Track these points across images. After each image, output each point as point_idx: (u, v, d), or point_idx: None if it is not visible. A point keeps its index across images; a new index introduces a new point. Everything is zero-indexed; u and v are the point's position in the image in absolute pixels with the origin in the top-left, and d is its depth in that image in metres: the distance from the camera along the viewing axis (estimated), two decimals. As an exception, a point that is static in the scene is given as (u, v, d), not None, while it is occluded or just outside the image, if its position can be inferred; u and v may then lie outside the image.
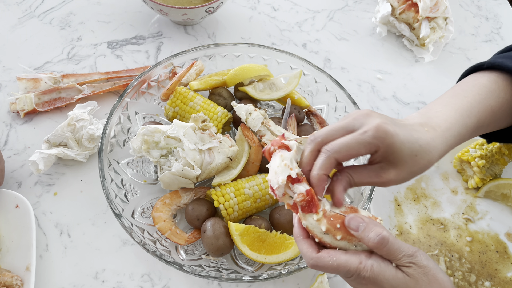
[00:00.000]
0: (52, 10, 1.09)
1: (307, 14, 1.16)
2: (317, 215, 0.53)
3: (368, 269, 0.53)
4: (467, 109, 0.64)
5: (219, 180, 0.77)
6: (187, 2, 1.04)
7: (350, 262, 0.53)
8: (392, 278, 0.53)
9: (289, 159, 0.55)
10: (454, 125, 0.61)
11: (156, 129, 0.75)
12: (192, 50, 0.89)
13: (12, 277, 0.70)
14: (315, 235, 0.54)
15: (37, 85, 0.93)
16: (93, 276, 0.76)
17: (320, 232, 0.54)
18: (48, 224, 0.80)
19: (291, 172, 0.54)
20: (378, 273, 0.53)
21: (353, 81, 1.05)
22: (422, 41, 1.09)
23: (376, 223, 0.54)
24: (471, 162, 0.86)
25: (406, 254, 0.54)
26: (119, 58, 1.02)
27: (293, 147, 0.57)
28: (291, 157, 0.56)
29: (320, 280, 0.75)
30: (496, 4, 1.24)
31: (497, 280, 0.80)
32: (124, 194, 0.77)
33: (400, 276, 0.53)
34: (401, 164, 0.56)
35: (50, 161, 0.82)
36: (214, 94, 0.88)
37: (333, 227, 0.53)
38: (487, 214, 0.87)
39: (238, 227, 0.71)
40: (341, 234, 0.54)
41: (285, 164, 0.55)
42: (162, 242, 0.74)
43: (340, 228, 0.54)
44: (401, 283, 0.53)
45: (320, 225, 0.53)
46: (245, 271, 0.73)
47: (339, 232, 0.54)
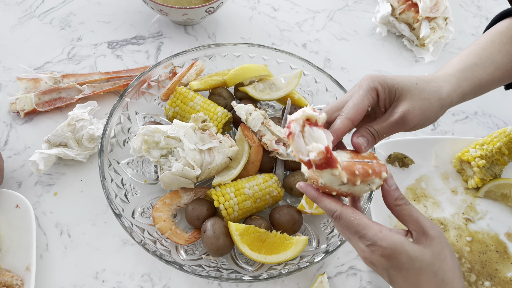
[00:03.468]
0: (52, 10, 1.09)
1: (307, 14, 1.16)
2: (337, 170, 0.52)
3: (387, 239, 0.53)
4: (487, 57, 0.67)
5: (219, 180, 0.77)
6: (187, 2, 1.04)
7: (371, 227, 0.54)
8: (411, 249, 0.53)
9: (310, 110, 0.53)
10: (466, 68, 0.66)
11: (156, 129, 0.75)
12: (192, 50, 0.89)
13: (12, 277, 0.70)
14: (332, 189, 0.54)
15: (37, 85, 0.93)
16: (93, 276, 0.76)
17: (339, 184, 0.53)
18: (48, 224, 0.80)
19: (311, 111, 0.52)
20: (397, 243, 0.53)
21: (353, 81, 1.05)
22: (422, 41, 1.09)
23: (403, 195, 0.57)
24: (471, 162, 0.86)
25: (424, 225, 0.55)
26: (119, 58, 1.02)
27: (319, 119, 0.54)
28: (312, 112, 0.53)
29: (320, 280, 0.75)
30: (496, 4, 1.24)
31: (497, 280, 0.80)
32: (124, 194, 0.77)
33: (417, 248, 0.54)
34: (406, 94, 0.60)
35: (50, 161, 0.82)
36: (214, 94, 0.88)
37: (353, 175, 0.53)
38: (487, 214, 0.87)
39: (238, 227, 0.71)
40: (360, 178, 0.54)
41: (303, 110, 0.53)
42: (162, 242, 0.74)
43: (359, 173, 0.54)
44: (419, 255, 0.53)
45: (341, 178, 0.52)
46: (245, 271, 0.73)
47: (358, 178, 0.53)
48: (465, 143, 0.91)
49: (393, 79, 0.60)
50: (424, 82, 0.62)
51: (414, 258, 0.53)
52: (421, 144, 0.91)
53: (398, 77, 0.61)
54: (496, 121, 1.02)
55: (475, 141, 0.90)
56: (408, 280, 0.54)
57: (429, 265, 0.54)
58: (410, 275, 0.54)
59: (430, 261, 0.54)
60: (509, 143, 0.89)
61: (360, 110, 0.58)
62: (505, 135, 0.90)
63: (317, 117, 0.53)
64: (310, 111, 0.53)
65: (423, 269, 0.53)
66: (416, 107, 0.60)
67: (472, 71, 0.67)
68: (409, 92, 0.60)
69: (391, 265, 0.54)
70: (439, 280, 0.54)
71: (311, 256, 0.72)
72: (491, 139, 0.89)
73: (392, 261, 0.54)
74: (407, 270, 0.54)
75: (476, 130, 1.00)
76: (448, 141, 0.92)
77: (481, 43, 0.71)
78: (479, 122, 1.01)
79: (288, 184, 0.80)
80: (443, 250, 0.55)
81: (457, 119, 1.01)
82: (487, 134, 0.94)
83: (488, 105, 1.03)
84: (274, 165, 0.84)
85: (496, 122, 1.02)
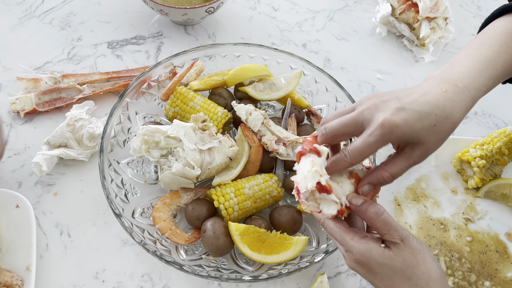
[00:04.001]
0: (52, 10, 1.09)
1: (307, 14, 1.16)
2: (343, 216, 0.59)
3: (357, 246, 0.57)
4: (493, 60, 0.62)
5: (219, 180, 0.77)
6: (187, 2, 1.04)
7: (346, 234, 0.58)
8: (379, 256, 0.56)
9: (320, 165, 0.56)
10: (478, 78, 0.60)
11: (156, 129, 0.75)
12: (192, 50, 0.89)
13: (12, 277, 0.70)
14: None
15: (37, 85, 0.93)
16: (93, 276, 0.76)
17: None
18: (48, 224, 0.80)
19: (321, 179, 0.55)
20: (365, 250, 0.56)
21: (353, 81, 1.05)
22: (422, 41, 1.09)
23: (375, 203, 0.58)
24: (471, 162, 0.86)
25: (398, 233, 0.57)
26: (119, 58, 1.02)
27: (324, 153, 0.57)
28: (321, 164, 0.57)
29: (320, 280, 0.75)
30: (496, 4, 1.24)
31: (497, 280, 0.80)
32: (124, 194, 0.77)
33: (386, 254, 0.56)
34: (423, 141, 0.57)
35: (52, 162, 0.83)
36: (214, 94, 0.88)
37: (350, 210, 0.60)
38: (487, 214, 0.87)
39: (238, 227, 0.71)
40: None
41: (315, 170, 0.56)
42: (162, 242, 0.74)
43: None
44: (388, 262, 0.56)
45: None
46: (245, 271, 0.73)
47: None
48: (465, 143, 0.91)
49: (413, 128, 0.55)
50: (442, 119, 0.56)
51: (383, 265, 0.56)
52: (421, 144, 0.91)
53: (418, 120, 0.55)
54: (496, 121, 1.02)
55: (475, 141, 0.90)
56: (384, 283, 0.57)
57: (400, 271, 0.56)
58: (384, 278, 0.57)
59: (401, 267, 0.56)
60: (509, 143, 0.89)
61: (365, 157, 0.57)
62: (505, 135, 0.90)
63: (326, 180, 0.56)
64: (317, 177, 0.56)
65: (394, 275, 0.56)
66: (431, 148, 0.58)
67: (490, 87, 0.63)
68: (426, 138, 0.56)
69: (365, 270, 0.58)
70: (413, 284, 0.56)
71: (311, 256, 0.72)
72: (491, 139, 0.89)
73: (365, 267, 0.57)
74: (380, 275, 0.57)
75: (476, 130, 1.00)
76: (448, 141, 0.91)
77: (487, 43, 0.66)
78: (479, 122, 1.01)
79: (288, 184, 0.80)
80: (414, 257, 0.56)
81: (457, 119, 1.01)
82: (487, 134, 0.94)
83: (488, 105, 1.03)
84: (274, 165, 0.84)
85: (496, 122, 1.02)
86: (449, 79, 0.59)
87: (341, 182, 0.59)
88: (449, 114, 0.56)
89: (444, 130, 0.57)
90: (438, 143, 0.58)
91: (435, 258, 0.59)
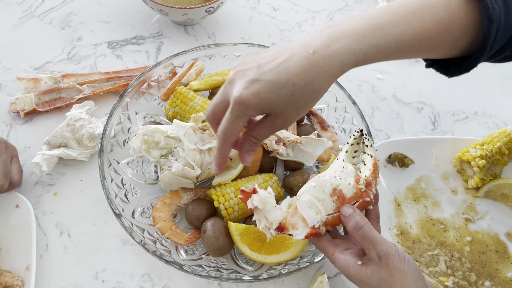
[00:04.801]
0: (52, 10, 1.09)
1: (307, 14, 1.16)
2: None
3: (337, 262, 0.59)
4: (386, 27, 0.53)
5: (219, 180, 0.77)
6: (187, 2, 1.04)
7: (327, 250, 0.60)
8: (356, 273, 0.57)
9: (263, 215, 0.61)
10: (357, 42, 0.52)
11: (156, 129, 0.75)
12: (192, 50, 0.89)
13: (13, 277, 0.70)
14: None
15: (37, 85, 0.93)
16: (93, 276, 0.76)
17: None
18: (48, 224, 0.80)
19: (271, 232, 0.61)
20: (343, 266, 0.58)
21: (353, 81, 1.05)
22: (422, 41, 1.09)
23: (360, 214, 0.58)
24: (471, 162, 0.86)
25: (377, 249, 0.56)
26: (119, 58, 1.02)
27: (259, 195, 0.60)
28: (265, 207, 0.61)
29: (320, 280, 0.75)
30: (496, 4, 1.24)
31: (497, 280, 0.80)
32: (124, 194, 0.77)
33: (363, 272, 0.56)
34: (281, 111, 0.54)
35: (52, 162, 0.83)
36: (214, 94, 0.88)
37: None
38: (487, 214, 0.87)
39: (238, 227, 0.71)
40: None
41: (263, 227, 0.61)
42: (162, 242, 0.74)
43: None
44: (364, 279, 0.56)
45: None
46: (245, 271, 0.73)
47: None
48: (465, 143, 0.91)
49: (266, 101, 0.52)
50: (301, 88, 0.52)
51: (360, 281, 0.57)
52: (421, 144, 0.91)
53: (272, 94, 0.52)
54: (496, 121, 1.02)
55: (475, 141, 0.90)
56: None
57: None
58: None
59: (377, 286, 0.56)
60: (509, 143, 0.89)
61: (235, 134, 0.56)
62: (505, 135, 0.90)
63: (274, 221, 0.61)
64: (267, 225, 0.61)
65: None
66: (291, 116, 0.55)
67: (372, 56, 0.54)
68: (285, 108, 0.53)
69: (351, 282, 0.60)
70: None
71: (311, 256, 0.72)
72: (491, 139, 0.89)
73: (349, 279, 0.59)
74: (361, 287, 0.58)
75: (476, 130, 1.00)
76: (448, 141, 0.92)
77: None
78: (479, 122, 1.01)
79: (288, 184, 0.80)
80: (391, 276, 0.55)
81: (457, 119, 1.01)
82: (487, 134, 0.94)
83: (488, 105, 1.03)
84: (274, 165, 0.84)
85: (496, 122, 1.02)
86: (328, 36, 0.52)
87: (322, 200, 0.60)
88: (309, 82, 0.52)
89: (303, 99, 0.53)
90: (298, 112, 0.55)
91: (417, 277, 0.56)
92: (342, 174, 0.62)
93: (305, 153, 0.80)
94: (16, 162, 0.79)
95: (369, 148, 0.64)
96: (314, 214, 0.59)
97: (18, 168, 0.79)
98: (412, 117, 1.01)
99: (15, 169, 0.78)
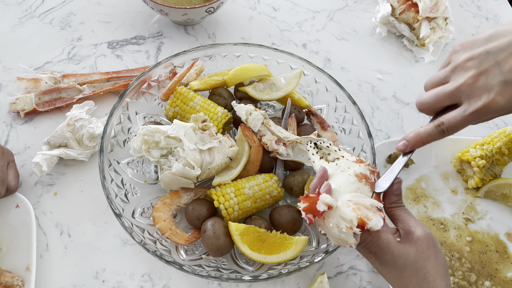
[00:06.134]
0: (52, 10, 1.09)
1: (307, 14, 1.16)
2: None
3: (380, 240, 0.58)
4: None
5: (219, 180, 0.77)
6: (187, 2, 1.04)
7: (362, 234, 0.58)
8: (396, 249, 0.57)
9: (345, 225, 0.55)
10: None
11: (156, 129, 0.75)
12: (192, 50, 0.89)
13: (13, 277, 0.70)
14: None
15: (38, 85, 0.93)
16: (93, 276, 0.76)
17: None
18: (49, 224, 0.80)
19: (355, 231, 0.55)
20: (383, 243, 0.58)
21: (353, 81, 1.05)
22: (422, 41, 1.09)
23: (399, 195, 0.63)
24: (471, 162, 0.86)
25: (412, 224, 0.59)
26: (119, 58, 1.02)
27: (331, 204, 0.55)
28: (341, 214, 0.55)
29: (320, 280, 0.75)
30: (496, 4, 1.24)
31: (497, 280, 0.80)
32: (124, 194, 0.77)
33: (402, 247, 0.57)
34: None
35: (52, 162, 0.82)
36: (214, 94, 0.88)
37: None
38: (487, 214, 0.87)
39: (238, 227, 0.71)
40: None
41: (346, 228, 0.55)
42: (162, 242, 0.74)
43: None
44: (403, 254, 0.57)
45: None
46: (245, 271, 0.73)
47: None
48: (465, 143, 0.91)
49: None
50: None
51: (398, 257, 0.57)
52: (421, 144, 0.91)
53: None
54: (496, 121, 1.02)
55: (475, 141, 0.90)
56: (392, 273, 0.59)
57: (412, 262, 0.57)
58: (394, 268, 0.58)
59: (414, 259, 0.57)
60: (509, 143, 0.89)
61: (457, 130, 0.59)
62: (505, 135, 0.90)
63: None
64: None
65: (406, 266, 0.57)
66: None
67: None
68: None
69: (376, 259, 0.59)
70: (421, 277, 0.57)
71: (311, 256, 0.72)
72: (491, 139, 0.89)
73: (378, 256, 0.59)
74: (391, 266, 0.58)
75: (476, 130, 1.00)
76: (448, 141, 0.92)
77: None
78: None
79: (288, 184, 0.80)
80: (428, 249, 0.58)
81: (457, 119, 1.01)
82: (487, 134, 0.94)
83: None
84: (274, 165, 0.84)
85: (496, 122, 1.02)
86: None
87: (357, 189, 0.60)
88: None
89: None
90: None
91: (444, 255, 0.60)
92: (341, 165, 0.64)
93: (305, 153, 0.80)
94: (12, 168, 0.79)
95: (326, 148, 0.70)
96: (369, 200, 0.58)
97: (14, 173, 0.78)
98: (412, 117, 1.01)
99: (12, 175, 0.78)
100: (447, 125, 0.57)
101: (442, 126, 0.58)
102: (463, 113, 0.56)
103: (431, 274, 0.57)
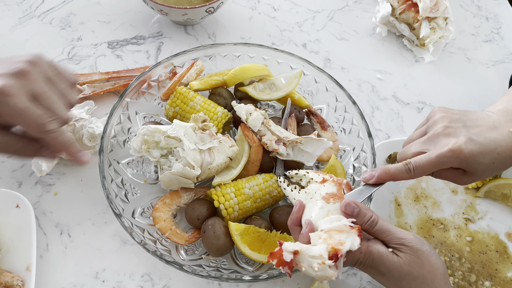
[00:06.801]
0: (52, 10, 1.09)
1: (307, 14, 1.16)
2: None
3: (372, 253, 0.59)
4: None
5: (219, 180, 0.77)
6: (187, 2, 1.04)
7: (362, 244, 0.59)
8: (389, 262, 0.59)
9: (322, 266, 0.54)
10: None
11: (156, 129, 0.75)
12: (192, 50, 0.89)
13: (13, 277, 0.70)
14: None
15: (37, 85, 0.93)
16: (93, 276, 0.76)
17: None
18: (49, 224, 0.80)
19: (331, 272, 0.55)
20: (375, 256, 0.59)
21: (353, 81, 1.05)
22: (422, 41, 1.09)
23: (367, 208, 0.61)
24: (471, 162, 0.86)
25: (396, 237, 0.60)
26: (119, 58, 1.02)
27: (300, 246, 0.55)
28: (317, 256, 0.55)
29: (320, 280, 0.75)
30: (496, 4, 1.24)
31: (497, 280, 0.80)
32: (124, 194, 0.77)
33: (395, 259, 0.59)
34: (477, 173, 0.64)
35: (52, 162, 0.82)
36: (214, 94, 0.88)
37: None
38: (487, 214, 0.87)
39: (238, 227, 0.71)
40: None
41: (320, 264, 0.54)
42: (162, 242, 0.74)
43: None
44: (397, 266, 0.58)
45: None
46: (245, 271, 0.73)
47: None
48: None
49: (475, 160, 0.63)
50: (502, 159, 0.63)
51: (393, 269, 0.58)
52: (421, 144, 0.91)
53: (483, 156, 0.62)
54: (496, 121, 1.02)
55: (475, 141, 0.90)
56: (390, 283, 0.60)
57: (407, 274, 0.58)
58: (391, 279, 0.60)
59: (408, 270, 0.58)
60: (509, 143, 0.89)
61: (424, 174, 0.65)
62: (505, 135, 0.90)
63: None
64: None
65: (402, 277, 0.59)
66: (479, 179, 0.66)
67: None
68: (483, 171, 0.64)
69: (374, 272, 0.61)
70: (419, 283, 0.59)
71: (311, 256, 0.72)
72: (491, 139, 0.89)
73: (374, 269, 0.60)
74: (387, 277, 0.60)
75: (476, 130, 1.00)
76: (448, 141, 0.92)
77: None
78: (479, 122, 1.01)
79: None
80: (418, 257, 0.59)
81: (457, 119, 1.01)
82: (487, 134, 0.94)
83: (488, 105, 1.03)
84: (274, 165, 0.84)
85: (496, 122, 1.02)
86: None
87: (328, 211, 0.61)
88: (509, 156, 0.63)
89: (498, 169, 0.64)
90: (486, 176, 0.65)
91: (436, 253, 0.61)
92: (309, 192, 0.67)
93: (305, 153, 0.80)
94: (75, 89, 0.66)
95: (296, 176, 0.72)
96: (339, 221, 0.58)
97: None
98: (412, 117, 1.01)
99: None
100: (414, 165, 0.64)
101: (409, 165, 0.64)
102: (429, 155, 0.63)
103: (427, 278, 0.59)
